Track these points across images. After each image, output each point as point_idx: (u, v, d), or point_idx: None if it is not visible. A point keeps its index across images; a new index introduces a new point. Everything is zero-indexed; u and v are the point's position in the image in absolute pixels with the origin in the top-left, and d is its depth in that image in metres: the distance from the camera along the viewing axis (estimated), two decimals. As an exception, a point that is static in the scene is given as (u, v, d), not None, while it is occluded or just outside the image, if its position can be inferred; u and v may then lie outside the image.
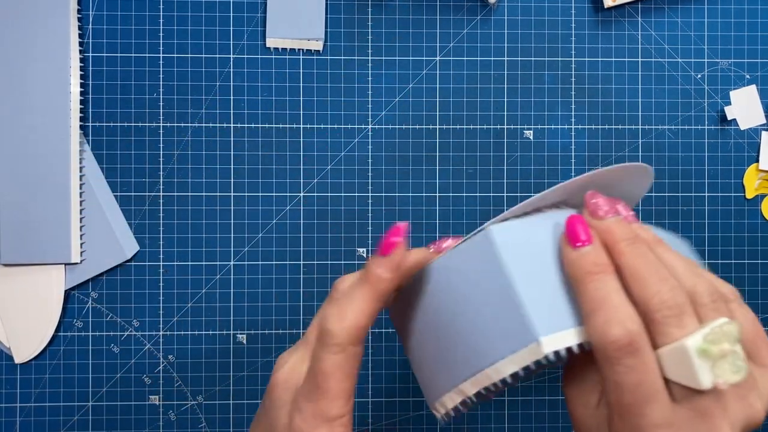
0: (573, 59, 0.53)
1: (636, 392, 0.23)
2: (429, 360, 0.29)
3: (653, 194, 0.53)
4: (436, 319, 0.28)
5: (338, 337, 0.26)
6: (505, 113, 0.53)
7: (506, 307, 0.26)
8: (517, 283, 0.26)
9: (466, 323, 0.27)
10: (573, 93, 0.53)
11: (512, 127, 0.53)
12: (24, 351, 0.51)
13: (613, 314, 0.24)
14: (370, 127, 0.52)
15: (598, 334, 0.24)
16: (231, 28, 0.52)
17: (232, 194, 0.52)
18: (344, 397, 0.26)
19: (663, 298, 0.24)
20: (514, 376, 0.26)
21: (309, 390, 0.26)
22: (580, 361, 0.28)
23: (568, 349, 0.25)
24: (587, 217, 0.27)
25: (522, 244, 0.27)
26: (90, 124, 0.52)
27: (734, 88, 0.53)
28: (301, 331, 0.52)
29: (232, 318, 0.52)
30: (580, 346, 0.26)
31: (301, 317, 0.52)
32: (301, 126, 0.52)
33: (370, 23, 0.52)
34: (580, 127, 0.53)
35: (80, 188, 0.50)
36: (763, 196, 0.53)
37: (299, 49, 0.52)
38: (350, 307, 0.27)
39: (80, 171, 0.50)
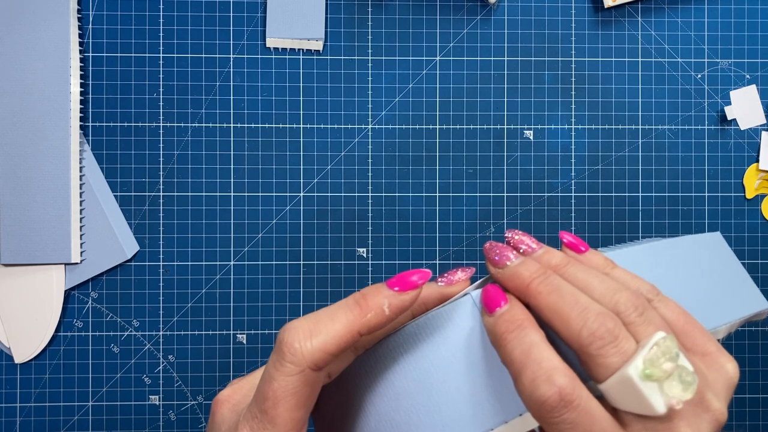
0: (573, 59, 0.53)
1: None
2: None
3: (653, 194, 0.53)
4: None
5: (298, 354, 0.22)
6: (505, 113, 0.53)
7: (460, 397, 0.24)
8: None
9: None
10: (573, 93, 0.53)
11: (512, 127, 0.53)
12: (24, 351, 0.51)
13: (538, 371, 0.22)
14: (370, 127, 0.52)
15: (528, 396, 0.22)
16: (231, 28, 0.52)
17: (232, 194, 0.52)
18: (294, 429, 0.23)
19: (591, 329, 0.22)
20: None
21: (253, 415, 0.23)
22: None
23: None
24: (492, 270, 0.25)
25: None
26: (90, 124, 0.52)
27: (734, 88, 0.53)
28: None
29: (232, 318, 0.52)
30: None
31: (301, 317, 0.52)
32: (301, 126, 0.52)
33: (370, 23, 0.52)
34: (580, 127, 0.53)
35: (80, 188, 0.50)
36: (763, 196, 0.53)
37: (299, 49, 0.52)
38: (327, 326, 0.23)
39: (80, 171, 0.50)
